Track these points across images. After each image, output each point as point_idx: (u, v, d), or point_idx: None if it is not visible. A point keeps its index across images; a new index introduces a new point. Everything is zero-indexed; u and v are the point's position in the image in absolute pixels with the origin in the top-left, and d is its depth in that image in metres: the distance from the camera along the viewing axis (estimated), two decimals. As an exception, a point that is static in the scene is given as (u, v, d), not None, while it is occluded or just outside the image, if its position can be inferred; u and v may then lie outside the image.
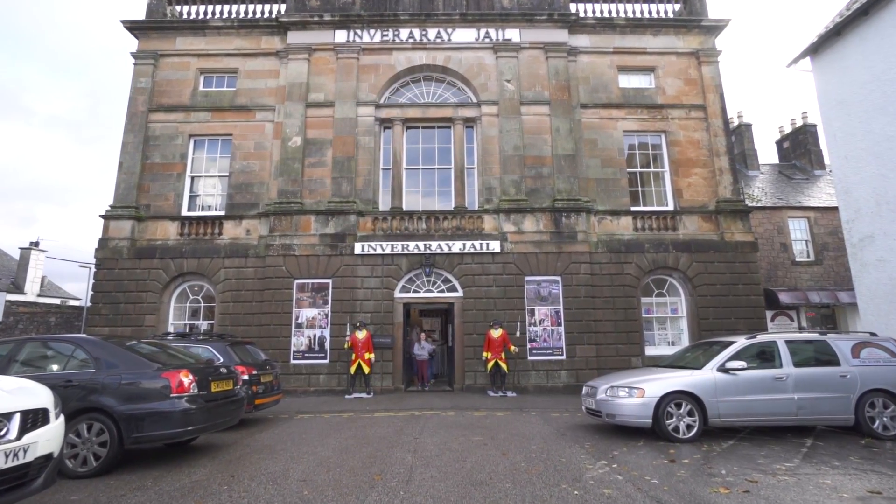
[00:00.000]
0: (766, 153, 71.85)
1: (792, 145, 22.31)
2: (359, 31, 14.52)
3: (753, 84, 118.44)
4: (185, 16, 15.11)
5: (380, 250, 13.09)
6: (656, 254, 13.36)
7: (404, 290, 13.23)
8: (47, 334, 12.22)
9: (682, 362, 7.86)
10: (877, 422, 6.81)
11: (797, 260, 17.19)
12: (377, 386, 12.33)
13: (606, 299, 12.99)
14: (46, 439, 3.61)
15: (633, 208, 13.85)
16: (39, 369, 5.60)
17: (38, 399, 3.74)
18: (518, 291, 12.95)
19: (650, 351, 13.03)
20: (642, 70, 14.92)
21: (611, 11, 15.14)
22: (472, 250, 13.11)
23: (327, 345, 12.64)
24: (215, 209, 14.03)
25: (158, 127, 14.14)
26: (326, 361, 12.56)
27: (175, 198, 13.75)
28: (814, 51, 11.32)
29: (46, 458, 3.62)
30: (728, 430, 7.25)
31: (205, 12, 15.11)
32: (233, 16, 14.92)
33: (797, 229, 17.63)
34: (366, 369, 11.75)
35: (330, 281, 12.96)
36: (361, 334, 11.89)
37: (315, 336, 12.72)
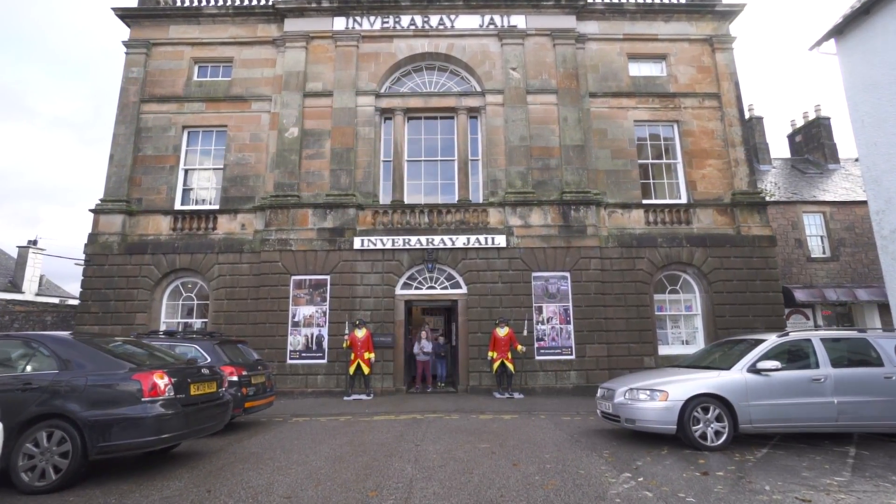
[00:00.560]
0: (777, 148, 70.47)
1: (805, 139, 21.60)
2: (358, 18, 13.95)
3: (764, 75, 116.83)
4: (178, 3, 14.54)
5: (380, 245, 12.51)
6: (669, 248, 12.73)
7: (406, 286, 12.64)
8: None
9: (706, 362, 7.24)
10: (928, 428, 6.17)
11: (812, 256, 16.50)
12: (377, 387, 11.77)
13: (617, 296, 12.37)
14: None
15: (645, 201, 13.25)
16: (-7, 370, 5.01)
17: None
18: (525, 288, 12.35)
19: (664, 350, 12.43)
20: (653, 57, 14.30)
21: (621, -3, 14.51)
22: (477, 245, 12.51)
23: (325, 344, 12.07)
24: (209, 203, 13.49)
25: (151, 118, 13.62)
26: (324, 361, 11.99)
27: (168, 191, 13.22)
28: (839, 32, 10.65)
29: None
30: (757, 437, 6.60)
31: (199, -1, 14.57)
32: (228, 3, 14.35)
33: (812, 224, 16.94)
34: (365, 369, 11.20)
35: (328, 277, 12.39)
36: (361, 333, 11.32)
37: (312, 335, 12.15)
